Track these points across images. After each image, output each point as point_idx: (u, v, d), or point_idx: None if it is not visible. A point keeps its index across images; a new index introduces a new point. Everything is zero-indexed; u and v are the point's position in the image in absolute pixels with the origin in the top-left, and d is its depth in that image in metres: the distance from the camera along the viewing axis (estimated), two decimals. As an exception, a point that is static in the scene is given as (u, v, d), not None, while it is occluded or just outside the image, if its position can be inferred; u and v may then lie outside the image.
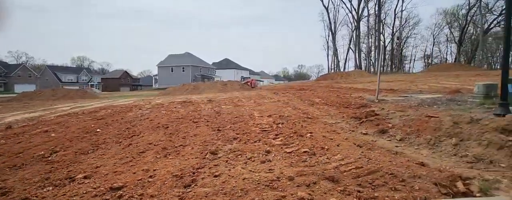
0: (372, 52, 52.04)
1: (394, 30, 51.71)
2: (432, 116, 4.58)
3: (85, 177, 3.36)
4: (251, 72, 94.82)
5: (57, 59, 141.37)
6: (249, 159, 3.45)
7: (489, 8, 41.42)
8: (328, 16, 45.75)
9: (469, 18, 46.33)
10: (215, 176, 2.87)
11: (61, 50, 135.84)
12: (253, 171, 2.90)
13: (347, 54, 56.01)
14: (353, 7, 46.06)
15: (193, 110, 8.63)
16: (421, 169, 2.69)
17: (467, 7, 44.32)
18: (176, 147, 4.38)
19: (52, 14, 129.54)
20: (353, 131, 5.04)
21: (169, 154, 4.04)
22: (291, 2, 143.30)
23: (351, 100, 8.66)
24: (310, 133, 4.48)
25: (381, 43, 45.71)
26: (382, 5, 45.52)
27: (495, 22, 46.94)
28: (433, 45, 58.56)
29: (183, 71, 55.26)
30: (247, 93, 19.01)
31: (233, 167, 3.13)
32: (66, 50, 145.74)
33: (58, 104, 14.68)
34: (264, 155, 3.53)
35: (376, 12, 46.06)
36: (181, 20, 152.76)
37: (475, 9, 44.76)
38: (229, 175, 2.83)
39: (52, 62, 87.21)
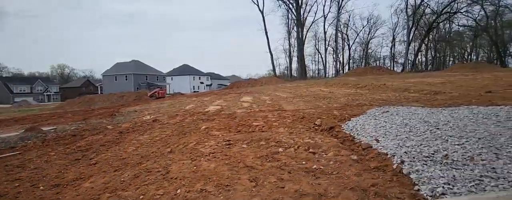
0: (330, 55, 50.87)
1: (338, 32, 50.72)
2: None
3: None
4: (219, 77, 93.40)
5: (38, 68, 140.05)
6: None
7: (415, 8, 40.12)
8: (264, 20, 44.48)
9: (416, 19, 44.88)
10: None
11: (43, 58, 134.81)
12: None
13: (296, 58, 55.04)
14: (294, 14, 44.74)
15: None
16: None
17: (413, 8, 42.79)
18: None
19: (39, 20, 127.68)
20: None
21: None
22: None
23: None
24: None
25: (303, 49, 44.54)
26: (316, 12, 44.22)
27: (435, 22, 46.14)
28: (394, 46, 57.57)
29: (126, 79, 54.10)
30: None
31: None
32: (49, 58, 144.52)
33: None
34: None
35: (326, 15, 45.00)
36: (181, 25, 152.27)
37: (421, 9, 43.34)
38: None
39: (35, 71, 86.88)
